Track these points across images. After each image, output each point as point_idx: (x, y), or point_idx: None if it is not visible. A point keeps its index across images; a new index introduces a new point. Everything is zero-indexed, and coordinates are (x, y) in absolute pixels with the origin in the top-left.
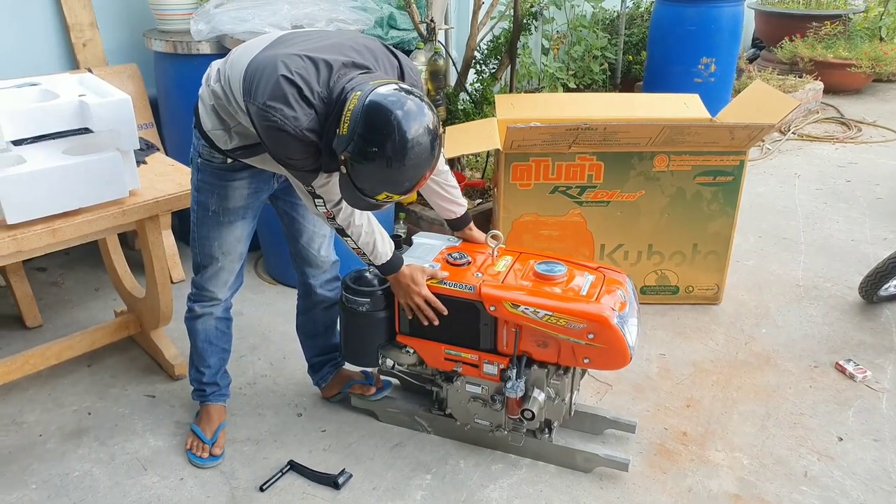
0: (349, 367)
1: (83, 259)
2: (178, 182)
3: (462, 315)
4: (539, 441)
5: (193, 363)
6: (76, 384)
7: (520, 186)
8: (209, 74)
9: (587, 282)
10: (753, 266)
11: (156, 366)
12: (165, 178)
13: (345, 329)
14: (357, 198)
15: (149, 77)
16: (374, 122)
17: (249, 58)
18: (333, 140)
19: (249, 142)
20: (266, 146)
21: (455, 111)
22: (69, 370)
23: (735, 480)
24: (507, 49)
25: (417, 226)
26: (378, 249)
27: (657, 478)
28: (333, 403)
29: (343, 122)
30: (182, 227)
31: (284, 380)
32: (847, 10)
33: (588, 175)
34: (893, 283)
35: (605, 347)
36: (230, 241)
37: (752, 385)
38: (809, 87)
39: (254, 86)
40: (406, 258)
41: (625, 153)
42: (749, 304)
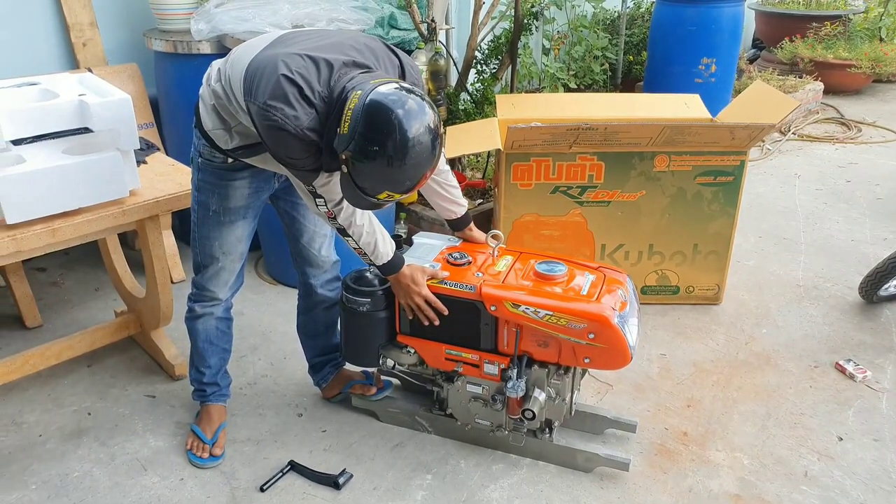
0: (350, 368)
1: (83, 259)
2: (179, 182)
3: (463, 315)
4: (540, 441)
5: (194, 363)
6: (76, 384)
7: (520, 186)
8: (210, 74)
9: (588, 281)
10: (754, 266)
11: (156, 366)
12: (166, 178)
13: (345, 329)
14: (358, 197)
15: (149, 77)
16: (375, 121)
17: (250, 57)
18: (334, 139)
19: (250, 141)
20: (267, 146)
21: (456, 111)
22: (69, 370)
23: (735, 480)
24: (508, 49)
25: (418, 226)
26: (379, 249)
27: (658, 478)
28: (334, 403)
29: (344, 122)
30: (182, 227)
31: (285, 380)
32: (847, 11)
33: (589, 175)
34: (893, 283)
35: (606, 347)
36: (231, 241)
37: (753, 385)
38: (809, 88)
39: (254, 85)
40: (407, 258)
41: (625, 153)
42: (749, 305)
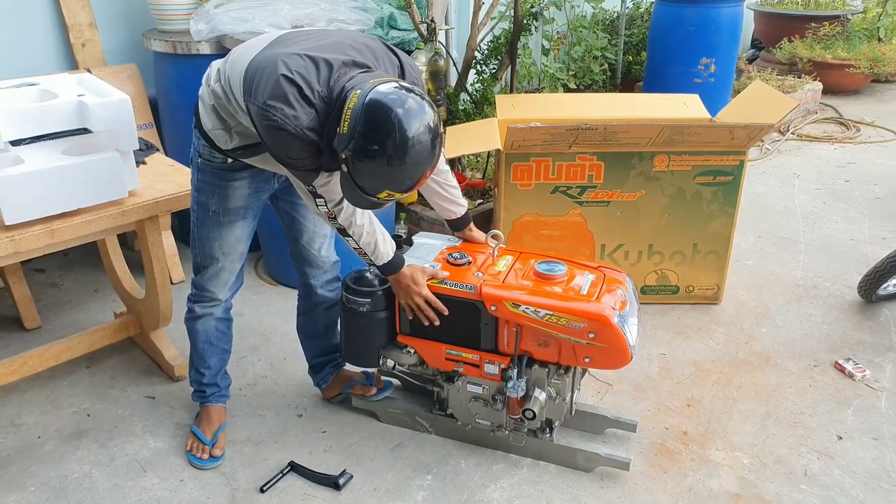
0: (350, 368)
1: (82, 260)
2: (178, 182)
3: (463, 315)
4: (540, 441)
5: (193, 364)
6: (75, 386)
7: (520, 186)
8: (209, 74)
9: (587, 281)
10: (753, 266)
11: (155, 367)
12: (165, 179)
13: (345, 329)
14: (358, 196)
15: (148, 77)
16: (375, 120)
17: (249, 57)
18: (334, 139)
19: (250, 141)
20: (267, 146)
21: (456, 111)
22: (68, 371)
23: (735, 479)
24: (508, 49)
25: (418, 226)
26: (379, 249)
27: (658, 477)
28: (334, 404)
29: (343, 121)
30: (182, 228)
31: (285, 381)
32: (845, 11)
33: (588, 175)
34: (892, 283)
35: (606, 347)
36: (230, 242)
37: (753, 384)
38: (808, 88)
39: (254, 85)
40: (407, 258)
41: (625, 153)
42: (749, 304)
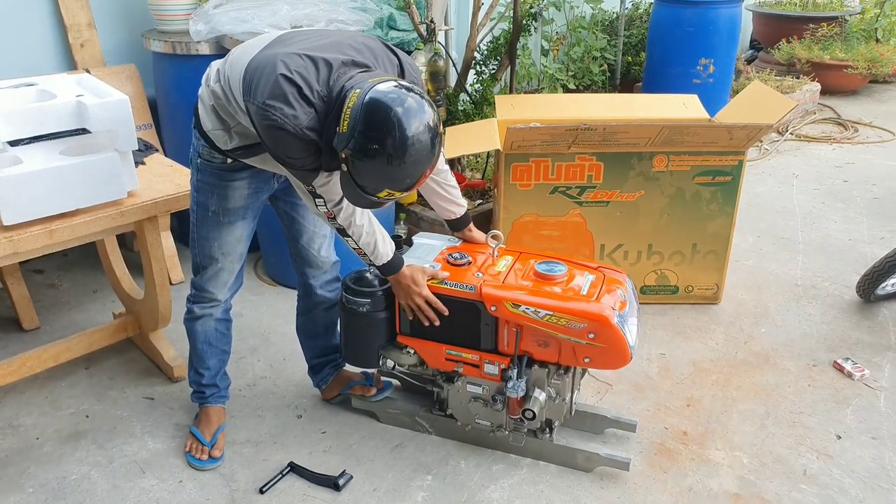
0: (349, 369)
1: (81, 261)
2: (177, 183)
3: (463, 315)
4: (540, 441)
5: (193, 365)
6: (74, 387)
7: (520, 187)
8: (209, 75)
9: (587, 281)
10: (752, 266)
11: (154, 368)
12: (164, 179)
13: (345, 330)
14: (359, 195)
15: (147, 78)
16: (375, 119)
17: (249, 57)
18: (334, 138)
19: (249, 142)
20: (266, 145)
21: (455, 112)
22: (67, 372)
23: (735, 479)
24: (507, 50)
25: (418, 226)
26: (379, 250)
27: (658, 477)
28: (334, 405)
29: (343, 120)
30: (181, 229)
31: (284, 381)
32: (843, 12)
33: (588, 175)
34: (891, 282)
35: (606, 347)
36: (230, 242)
37: (752, 384)
38: (807, 88)
39: (253, 85)
40: (406, 258)
41: (624, 153)
42: (748, 304)
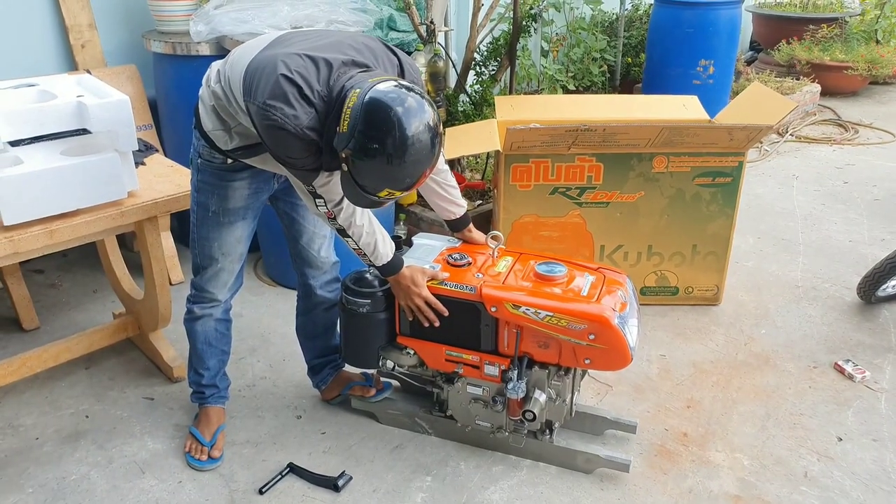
0: (349, 369)
1: (81, 261)
2: (177, 183)
3: (463, 316)
4: (540, 442)
5: (192, 365)
6: (73, 387)
7: (520, 188)
8: (209, 75)
9: (587, 282)
10: (752, 267)
11: (154, 368)
12: (164, 180)
13: (345, 330)
14: (359, 195)
15: (148, 78)
16: (375, 119)
17: (249, 58)
18: (334, 138)
19: (250, 142)
20: (266, 146)
21: (455, 113)
22: (66, 373)
23: (735, 481)
24: (507, 51)
25: (418, 227)
26: (379, 250)
27: (658, 479)
28: (333, 405)
29: (343, 120)
30: (181, 229)
31: (284, 382)
32: (843, 13)
33: (588, 176)
34: (891, 284)
35: (606, 348)
36: (230, 242)
37: (752, 386)
38: (807, 90)
39: (254, 85)
40: (406, 259)
41: (624, 154)
42: (748, 305)
